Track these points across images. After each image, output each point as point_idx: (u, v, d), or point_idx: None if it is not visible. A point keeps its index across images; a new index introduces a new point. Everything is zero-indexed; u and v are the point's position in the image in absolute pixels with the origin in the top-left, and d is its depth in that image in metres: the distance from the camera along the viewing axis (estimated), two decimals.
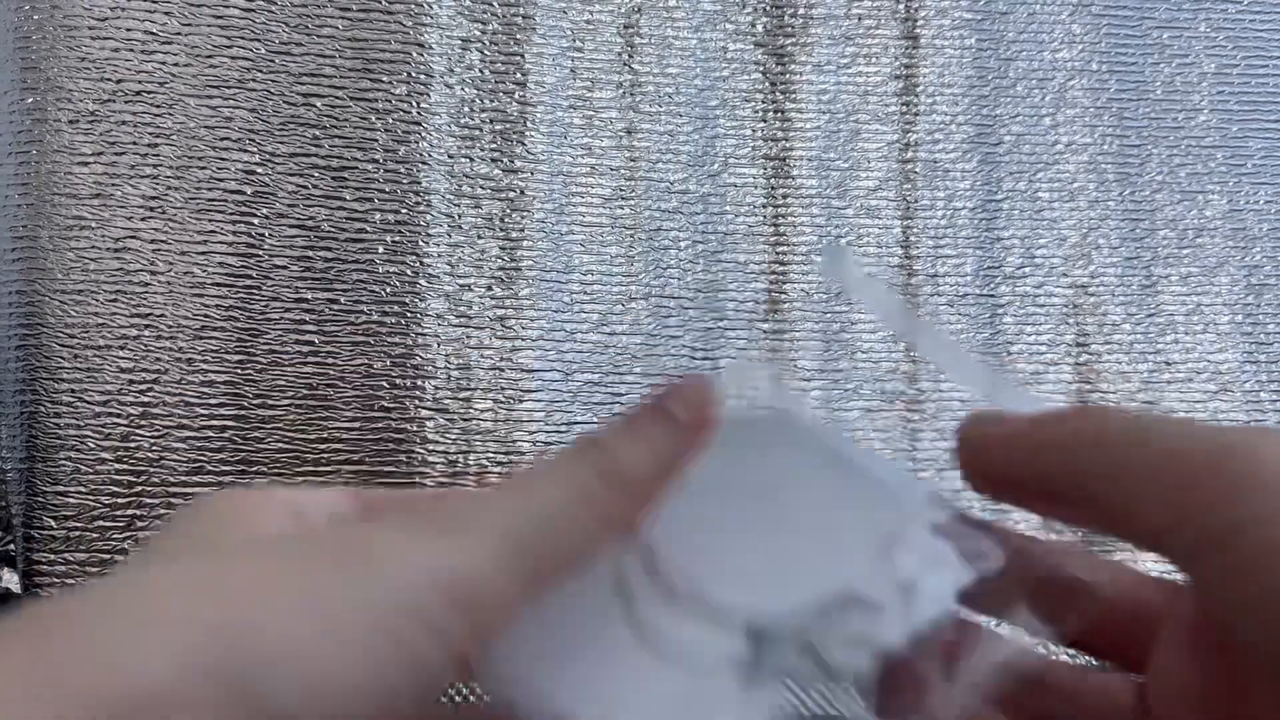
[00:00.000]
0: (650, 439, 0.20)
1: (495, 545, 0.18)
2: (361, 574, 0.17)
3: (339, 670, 0.17)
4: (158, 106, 0.38)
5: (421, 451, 0.38)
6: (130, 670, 0.16)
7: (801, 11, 0.42)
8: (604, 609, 0.21)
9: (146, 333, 0.38)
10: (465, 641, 0.18)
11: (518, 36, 0.41)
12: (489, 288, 0.40)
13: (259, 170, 0.39)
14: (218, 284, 0.38)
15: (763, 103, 0.42)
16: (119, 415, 0.37)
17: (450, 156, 0.40)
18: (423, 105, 0.40)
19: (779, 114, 0.42)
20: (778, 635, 0.21)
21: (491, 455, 0.39)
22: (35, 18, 0.38)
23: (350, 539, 0.18)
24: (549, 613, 0.20)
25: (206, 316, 0.38)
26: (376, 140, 0.39)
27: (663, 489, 0.20)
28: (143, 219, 0.38)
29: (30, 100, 0.38)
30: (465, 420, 0.39)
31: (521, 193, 0.40)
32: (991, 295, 0.42)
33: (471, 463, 0.39)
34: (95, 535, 0.37)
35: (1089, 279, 0.42)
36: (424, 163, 0.40)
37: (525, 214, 0.40)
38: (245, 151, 0.39)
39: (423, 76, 0.40)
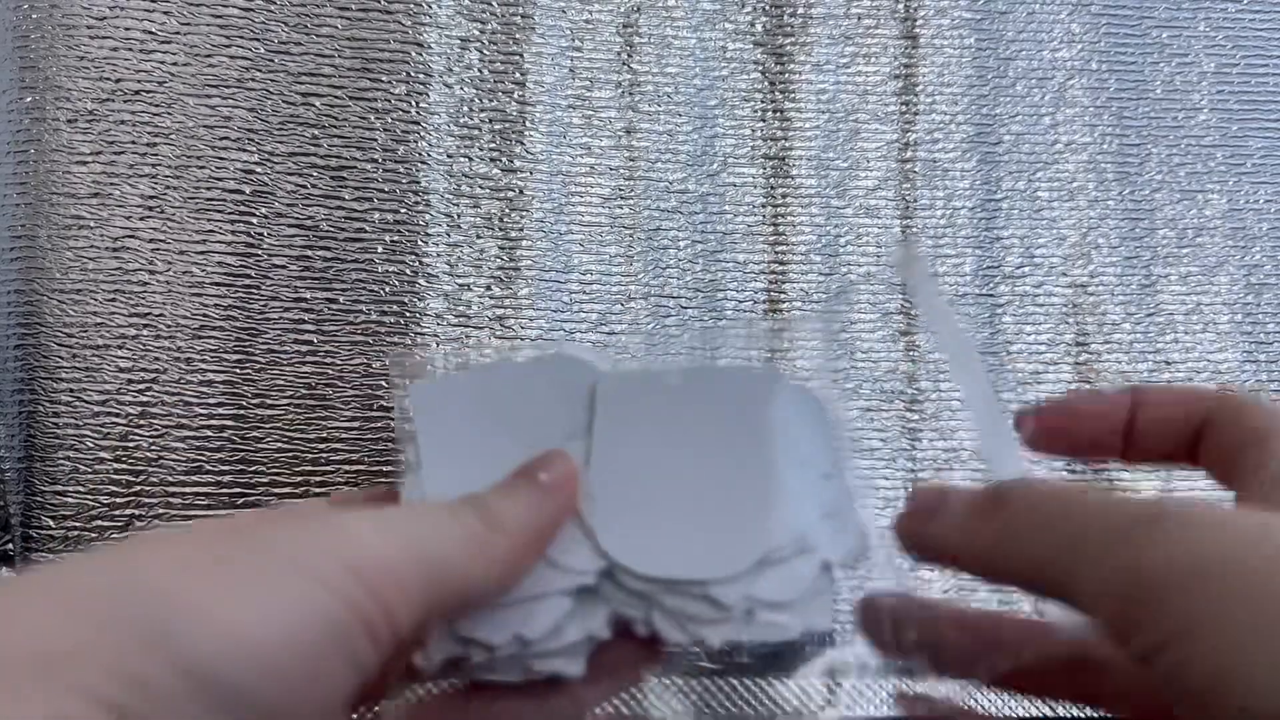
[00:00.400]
0: (522, 497, 0.24)
1: (398, 542, 0.21)
2: (268, 546, 0.19)
3: (252, 621, 0.18)
4: (156, 106, 0.38)
5: None
6: (48, 631, 0.17)
7: (800, 11, 0.42)
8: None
9: (145, 332, 0.38)
10: (374, 615, 0.19)
11: (517, 36, 0.41)
12: (488, 287, 0.40)
13: (258, 170, 0.39)
14: (216, 283, 0.38)
15: (762, 102, 0.42)
16: (117, 415, 0.37)
17: (449, 156, 0.40)
18: (422, 105, 0.40)
19: (778, 113, 0.42)
20: (624, 584, 0.25)
21: None
22: (34, 16, 0.38)
23: (258, 524, 0.21)
24: None
25: (205, 316, 0.38)
26: (375, 140, 0.39)
27: (536, 539, 0.24)
28: (141, 218, 0.38)
29: (29, 99, 0.38)
30: None
31: (520, 192, 0.40)
32: (991, 295, 0.42)
33: None
34: (94, 535, 0.37)
35: (1088, 278, 0.42)
36: (423, 162, 0.39)
37: (524, 213, 0.40)
38: (244, 151, 0.39)
39: (422, 76, 0.40)
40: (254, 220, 0.39)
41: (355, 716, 0.27)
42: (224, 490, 0.37)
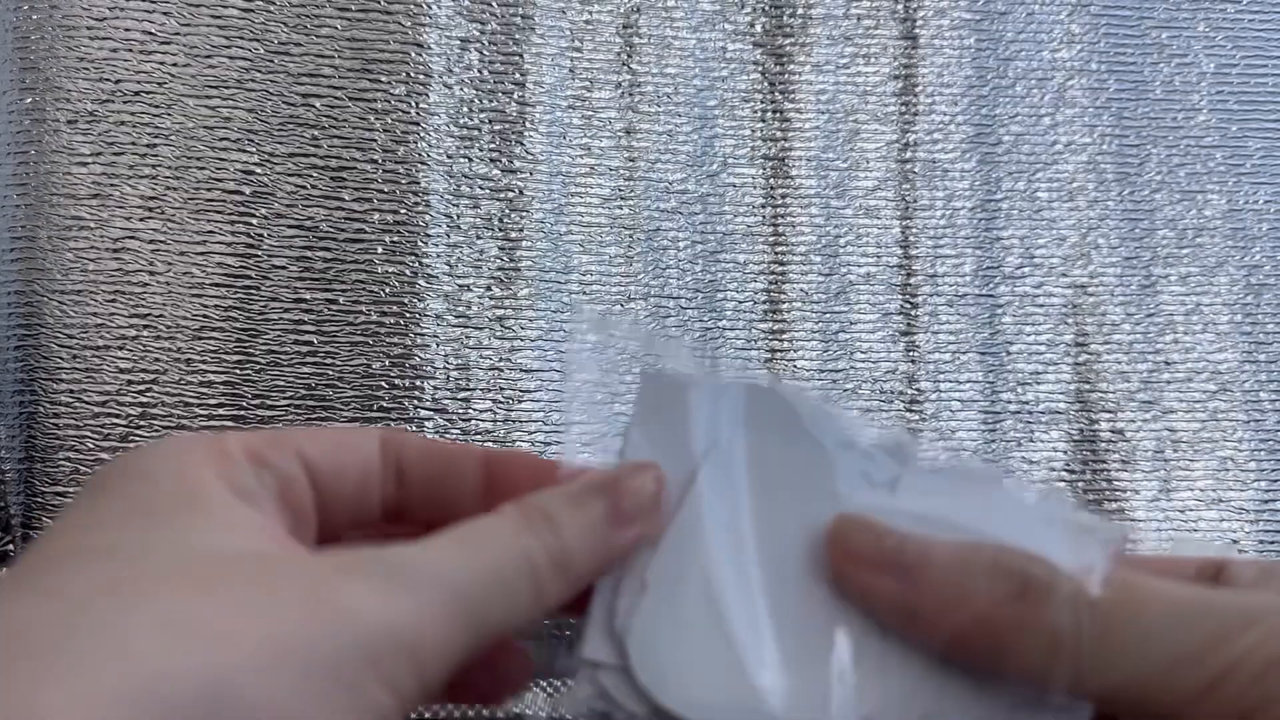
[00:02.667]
0: (598, 529, 0.21)
1: (447, 605, 0.18)
2: (328, 624, 0.17)
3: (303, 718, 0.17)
4: (156, 107, 0.38)
5: None
6: None
7: (800, 11, 0.42)
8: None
9: (145, 333, 0.38)
10: (413, 692, 0.18)
11: (516, 37, 0.41)
12: (488, 288, 0.40)
13: (257, 170, 0.39)
14: (216, 284, 0.38)
15: (761, 103, 0.42)
16: (118, 416, 0.37)
17: (449, 157, 0.40)
18: (421, 105, 0.40)
19: (778, 114, 0.42)
20: None
21: None
22: (34, 18, 0.38)
23: (316, 584, 0.18)
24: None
25: (205, 317, 0.38)
26: (375, 140, 0.39)
27: (596, 575, 0.21)
28: (141, 219, 0.38)
29: (29, 100, 0.38)
30: (464, 420, 0.39)
31: (520, 193, 0.40)
32: (991, 295, 0.42)
33: None
34: None
35: (1088, 279, 0.42)
36: (423, 163, 0.40)
37: (524, 214, 0.40)
38: (244, 152, 0.39)
39: (421, 76, 0.40)
40: (254, 221, 0.39)
41: None
42: None
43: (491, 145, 0.40)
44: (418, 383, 0.39)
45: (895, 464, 0.23)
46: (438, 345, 0.39)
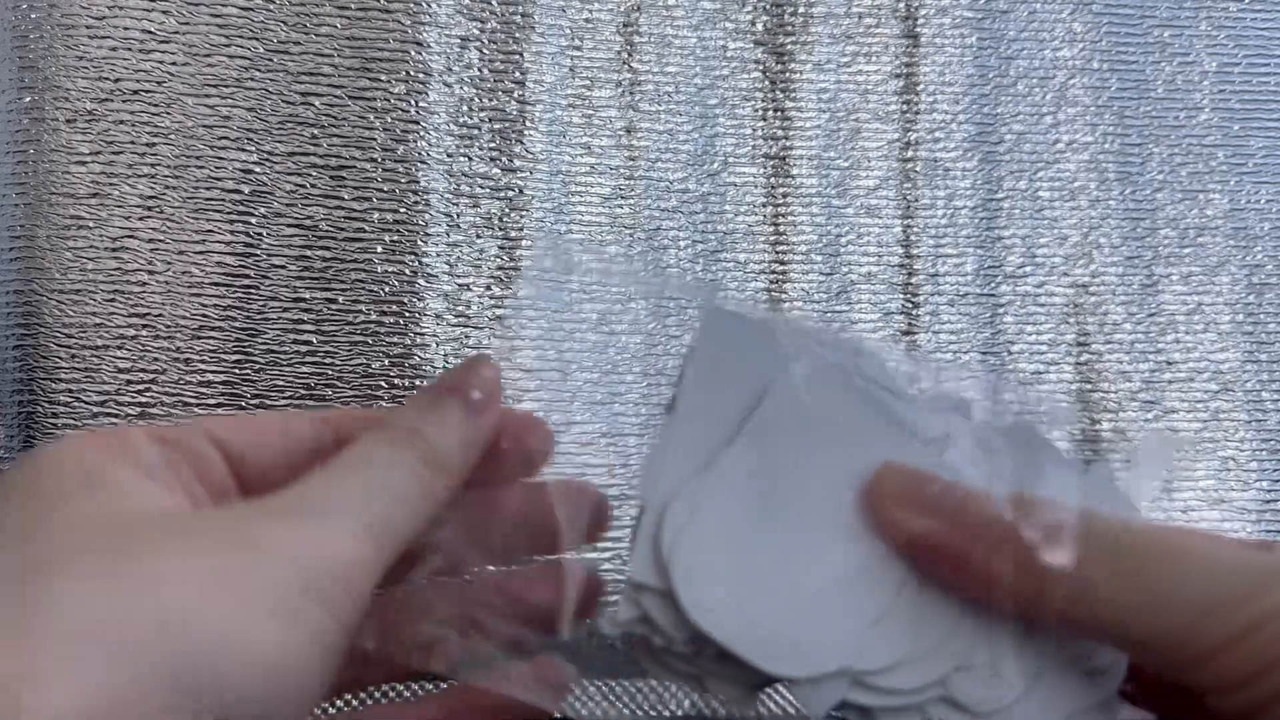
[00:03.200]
0: (458, 425, 0.22)
1: (360, 533, 0.20)
2: (262, 558, 0.18)
3: (263, 647, 0.18)
4: (155, 105, 0.38)
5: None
6: (85, 685, 0.16)
7: (801, 10, 0.42)
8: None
9: (144, 333, 0.38)
10: (348, 609, 0.19)
11: (516, 35, 0.40)
12: (488, 287, 0.40)
13: (257, 169, 0.39)
14: (215, 284, 0.38)
15: (762, 101, 0.42)
16: (117, 415, 0.37)
17: (449, 155, 0.40)
18: (421, 104, 0.40)
19: (779, 113, 0.42)
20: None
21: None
22: (33, 16, 0.38)
23: (241, 526, 0.19)
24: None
25: (204, 316, 0.38)
26: (375, 139, 0.39)
27: (469, 468, 0.23)
28: (140, 218, 0.38)
29: (28, 99, 0.38)
30: None
31: (520, 192, 0.40)
32: (992, 294, 0.42)
33: None
34: None
35: (1090, 278, 0.42)
36: (422, 162, 0.39)
37: (524, 213, 0.40)
38: (243, 150, 0.39)
39: (421, 75, 0.40)
40: (253, 220, 0.38)
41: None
42: None
43: (491, 144, 0.40)
44: (417, 382, 0.39)
45: (947, 422, 0.24)
46: (437, 345, 0.39)
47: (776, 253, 0.41)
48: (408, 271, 0.39)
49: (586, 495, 0.25)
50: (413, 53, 0.40)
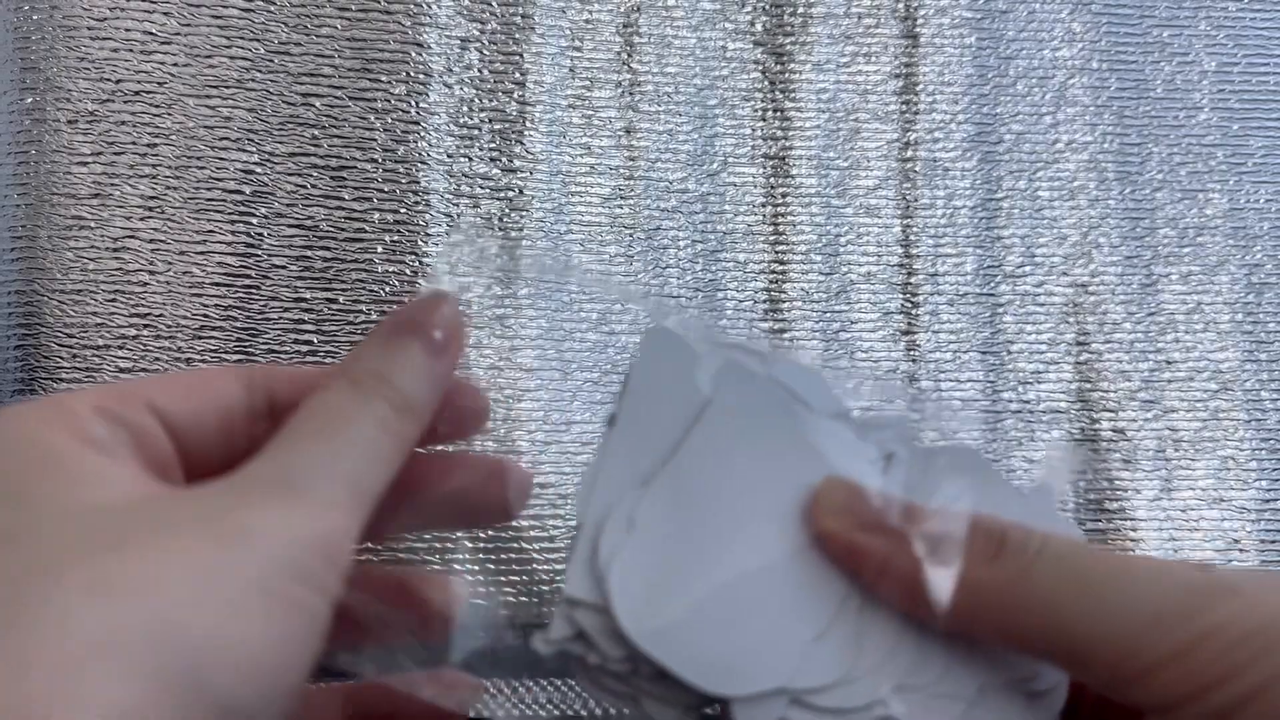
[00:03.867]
0: (424, 367, 0.22)
1: (343, 500, 0.19)
2: (251, 550, 0.18)
3: (260, 642, 0.17)
4: (156, 106, 0.38)
5: (420, 451, 0.38)
6: (99, 707, 0.15)
7: (801, 10, 0.42)
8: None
9: (145, 332, 0.38)
10: (335, 584, 0.19)
11: (516, 36, 0.41)
12: (488, 287, 0.40)
13: (258, 170, 0.39)
14: (216, 284, 0.38)
15: (762, 102, 0.42)
16: None
17: (449, 156, 0.40)
18: (421, 105, 0.40)
19: (778, 113, 0.42)
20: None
21: (491, 454, 0.39)
22: (34, 18, 0.38)
23: (219, 513, 0.18)
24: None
25: (205, 316, 0.38)
26: (375, 140, 0.39)
27: (434, 409, 0.22)
28: (141, 219, 0.38)
29: (29, 100, 0.38)
30: None
31: (520, 192, 0.40)
32: (992, 294, 0.42)
33: None
34: None
35: (1089, 278, 0.42)
36: (423, 162, 0.40)
37: (524, 213, 0.40)
38: (244, 151, 0.39)
39: (421, 76, 0.40)
40: (254, 220, 0.39)
41: None
42: None
43: (491, 145, 0.40)
44: None
45: (889, 443, 0.23)
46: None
47: (776, 253, 0.41)
48: (408, 272, 0.39)
49: (510, 472, 0.24)
50: (413, 54, 0.40)
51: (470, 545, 0.38)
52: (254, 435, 0.23)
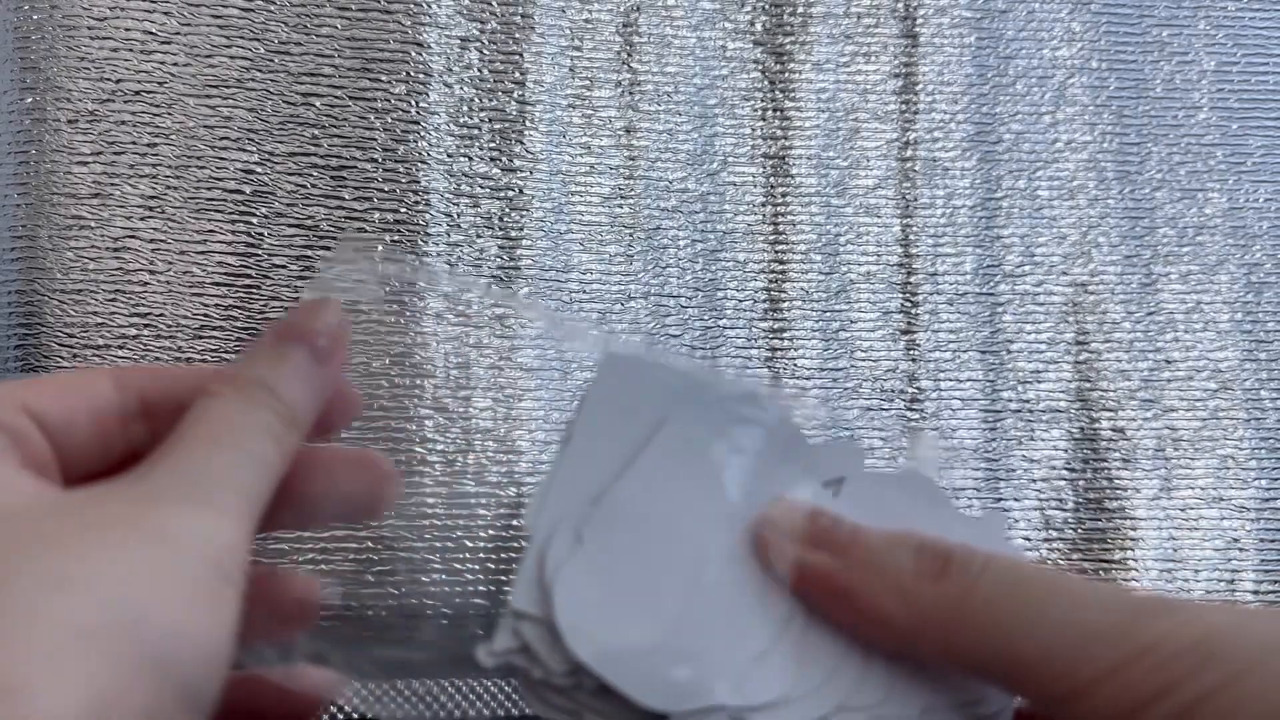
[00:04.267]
0: (309, 378, 0.22)
1: (240, 507, 0.20)
2: (180, 550, 0.18)
3: (206, 634, 0.18)
4: (157, 106, 0.38)
5: (421, 450, 0.38)
6: (78, 690, 0.16)
7: (800, 10, 0.42)
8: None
9: (146, 332, 0.38)
10: (242, 582, 0.19)
11: (516, 35, 0.41)
12: (488, 286, 0.40)
13: (258, 169, 0.39)
14: (217, 283, 0.38)
15: (762, 101, 0.42)
16: None
17: (449, 155, 0.40)
18: (421, 104, 0.40)
19: (778, 112, 0.42)
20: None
21: (491, 454, 0.39)
22: (34, 18, 0.38)
23: (136, 516, 0.19)
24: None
25: (206, 316, 0.38)
26: (375, 139, 0.39)
27: (319, 411, 0.23)
28: (142, 218, 0.38)
29: (29, 100, 0.38)
30: (465, 419, 0.39)
31: (520, 191, 0.40)
32: (991, 293, 0.42)
33: (470, 461, 0.39)
34: None
35: (1089, 277, 0.42)
36: (423, 162, 0.40)
37: (524, 213, 0.40)
38: (244, 151, 0.39)
39: (421, 75, 0.40)
40: (254, 220, 0.39)
41: None
42: None
43: (491, 144, 0.40)
44: (418, 381, 0.39)
45: (840, 468, 0.24)
46: (438, 343, 0.39)
47: (776, 252, 0.41)
48: (409, 271, 0.39)
49: (371, 467, 0.24)
50: (413, 53, 0.40)
51: (471, 545, 0.38)
52: (128, 436, 0.23)
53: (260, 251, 0.38)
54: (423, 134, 0.40)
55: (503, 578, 0.38)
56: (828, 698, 0.21)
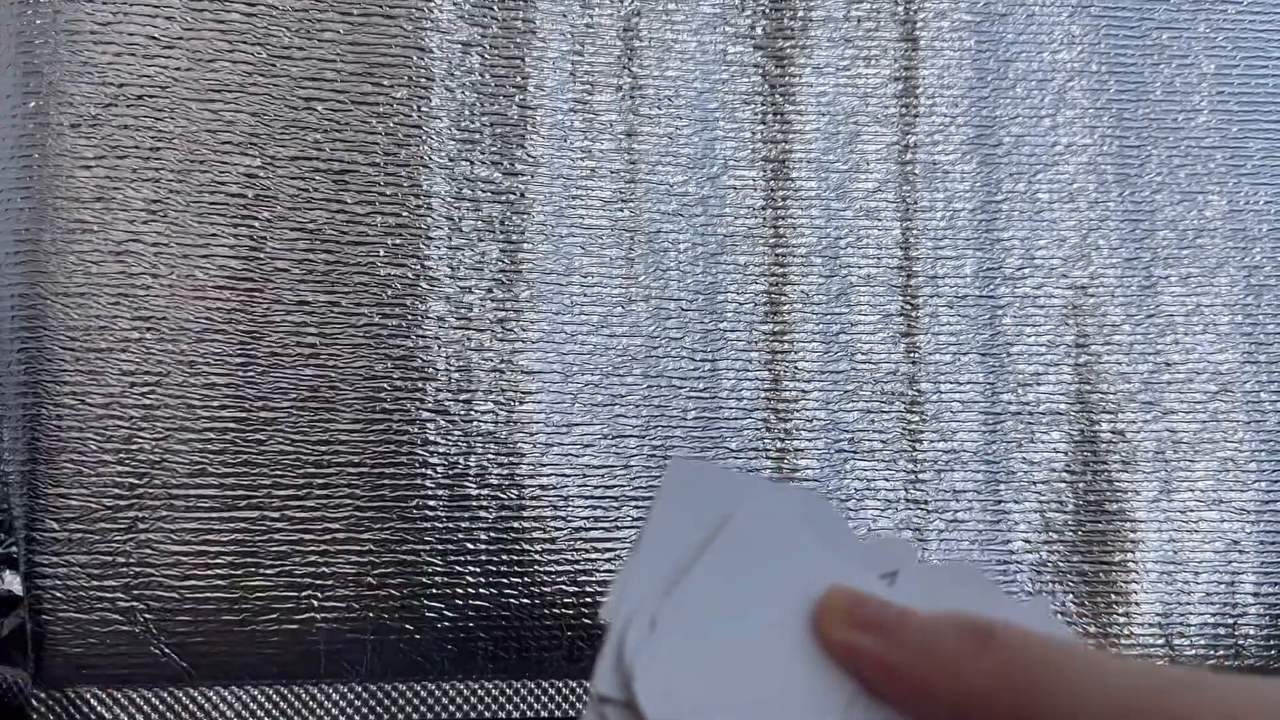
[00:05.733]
0: None
1: None
2: None
3: None
4: (159, 111, 0.39)
5: (422, 453, 0.39)
6: None
7: (800, 14, 0.42)
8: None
9: (148, 335, 0.38)
10: None
11: (518, 40, 0.41)
12: (489, 290, 0.40)
13: (260, 174, 0.39)
14: (219, 287, 0.38)
15: (762, 105, 0.42)
16: (121, 418, 0.37)
17: (451, 160, 0.40)
18: (423, 109, 0.40)
19: (778, 116, 0.42)
20: None
21: (492, 458, 0.39)
22: (38, 22, 0.38)
23: None
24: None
25: (208, 319, 0.38)
26: (377, 144, 0.39)
27: None
28: (144, 222, 0.38)
29: (32, 104, 0.38)
30: (466, 422, 0.39)
31: (522, 195, 0.40)
32: (991, 296, 0.42)
33: (472, 465, 0.39)
34: (97, 537, 0.37)
35: (1089, 280, 0.42)
36: (425, 166, 0.40)
37: (525, 217, 0.40)
38: (247, 155, 0.39)
39: (423, 80, 0.40)
40: (256, 224, 0.39)
41: None
42: (227, 493, 0.38)
43: (493, 148, 0.40)
44: (420, 385, 0.39)
45: (894, 561, 0.26)
46: (439, 347, 0.39)
47: (776, 255, 0.41)
48: (410, 275, 0.39)
49: None
50: (415, 58, 0.40)
51: (471, 547, 0.38)
52: None
53: (262, 255, 0.39)
54: (424, 138, 0.40)
55: (503, 580, 0.39)
56: None
